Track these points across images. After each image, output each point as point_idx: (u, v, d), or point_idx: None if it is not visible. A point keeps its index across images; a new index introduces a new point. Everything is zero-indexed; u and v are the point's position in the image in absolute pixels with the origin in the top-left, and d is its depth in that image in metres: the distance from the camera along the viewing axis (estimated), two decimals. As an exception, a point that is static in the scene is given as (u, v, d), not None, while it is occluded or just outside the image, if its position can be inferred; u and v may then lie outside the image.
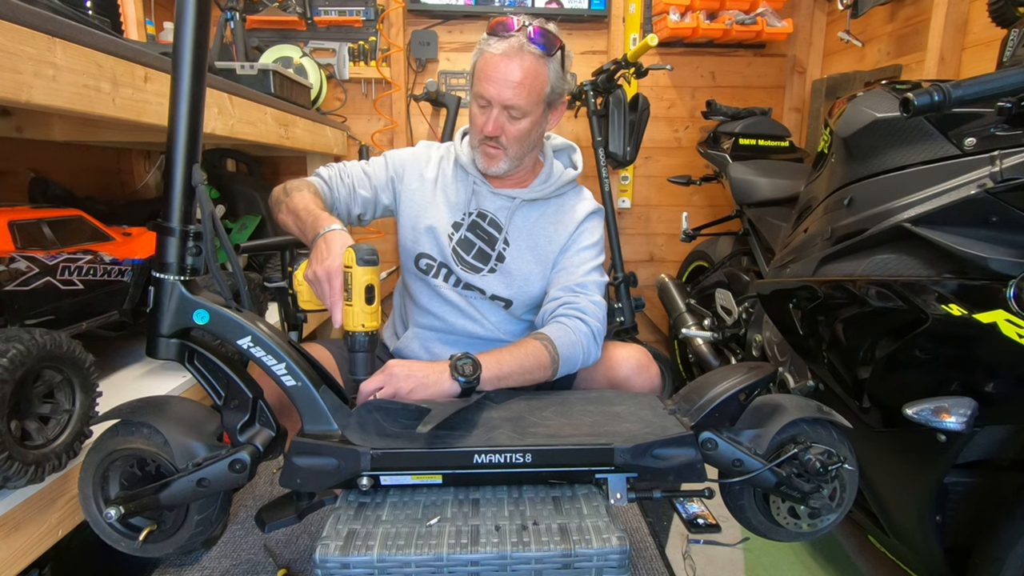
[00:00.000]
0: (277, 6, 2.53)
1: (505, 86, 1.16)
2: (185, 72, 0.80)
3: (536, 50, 1.17)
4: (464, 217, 1.30)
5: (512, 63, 1.16)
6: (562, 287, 1.25)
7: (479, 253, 1.30)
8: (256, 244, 1.70)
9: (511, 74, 1.16)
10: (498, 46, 1.16)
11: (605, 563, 0.76)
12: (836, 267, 1.17)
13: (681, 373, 2.37)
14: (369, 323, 0.97)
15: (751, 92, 2.78)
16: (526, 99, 1.18)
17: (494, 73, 1.16)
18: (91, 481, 0.87)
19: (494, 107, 1.19)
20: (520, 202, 1.30)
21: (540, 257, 1.30)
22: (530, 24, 1.18)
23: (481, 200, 1.31)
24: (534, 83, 1.18)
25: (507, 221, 1.30)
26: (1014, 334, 0.84)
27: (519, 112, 1.19)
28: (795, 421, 0.92)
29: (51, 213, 1.08)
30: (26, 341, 0.79)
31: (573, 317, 1.19)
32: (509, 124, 1.20)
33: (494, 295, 1.30)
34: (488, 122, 1.19)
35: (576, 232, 1.31)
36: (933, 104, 0.85)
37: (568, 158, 1.42)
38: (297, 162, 2.67)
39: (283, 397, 0.89)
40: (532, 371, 1.10)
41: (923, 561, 1.08)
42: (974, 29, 1.81)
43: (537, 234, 1.30)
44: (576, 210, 1.32)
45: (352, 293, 0.96)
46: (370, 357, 0.99)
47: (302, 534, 1.46)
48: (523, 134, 1.22)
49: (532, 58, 1.17)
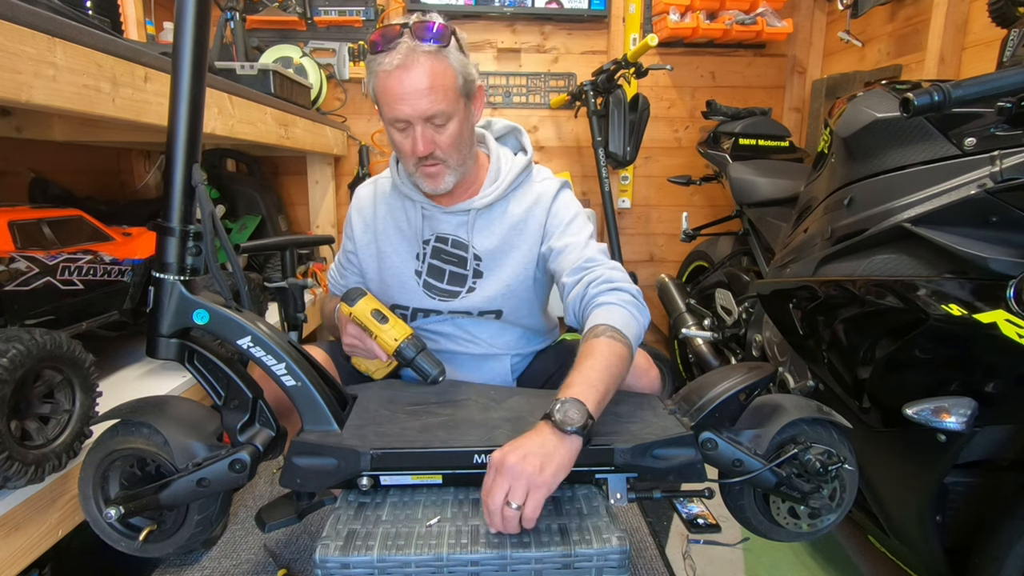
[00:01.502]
0: (277, 6, 2.53)
1: (416, 97, 1.05)
2: (185, 72, 0.80)
3: (430, 47, 1.05)
4: (423, 247, 1.24)
5: (411, 72, 1.04)
6: (572, 270, 1.14)
7: (452, 277, 1.23)
8: (256, 244, 1.70)
9: (416, 83, 1.04)
10: (389, 60, 1.04)
11: (605, 563, 0.76)
12: (836, 267, 1.17)
13: (681, 373, 2.37)
14: (399, 335, 1.09)
15: (751, 92, 2.78)
16: (444, 102, 1.06)
17: (399, 89, 1.04)
18: (91, 481, 0.87)
19: (415, 124, 1.08)
20: (476, 212, 1.21)
21: (519, 257, 1.22)
22: (409, 22, 1.06)
23: (435, 224, 1.23)
24: (444, 82, 1.06)
25: (470, 236, 1.22)
26: (1014, 334, 0.84)
27: (443, 118, 1.08)
28: (795, 421, 0.92)
29: (51, 213, 1.08)
30: (26, 341, 0.79)
31: (609, 291, 1.08)
32: (438, 135, 1.10)
33: (481, 311, 1.24)
34: (416, 142, 1.08)
35: (551, 215, 1.22)
36: (933, 104, 0.85)
37: (516, 141, 1.32)
38: (297, 162, 2.67)
39: (283, 397, 0.89)
40: (621, 369, 0.97)
41: (923, 561, 1.08)
42: (974, 29, 1.81)
43: (508, 235, 1.22)
44: (539, 194, 1.23)
45: (367, 327, 1.10)
46: (426, 354, 1.09)
47: (302, 534, 1.46)
48: (455, 138, 1.11)
49: (429, 57, 1.05)
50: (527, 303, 1.27)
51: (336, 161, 2.69)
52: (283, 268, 1.59)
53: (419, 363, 1.09)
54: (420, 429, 0.91)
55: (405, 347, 1.09)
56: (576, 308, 1.12)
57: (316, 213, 2.64)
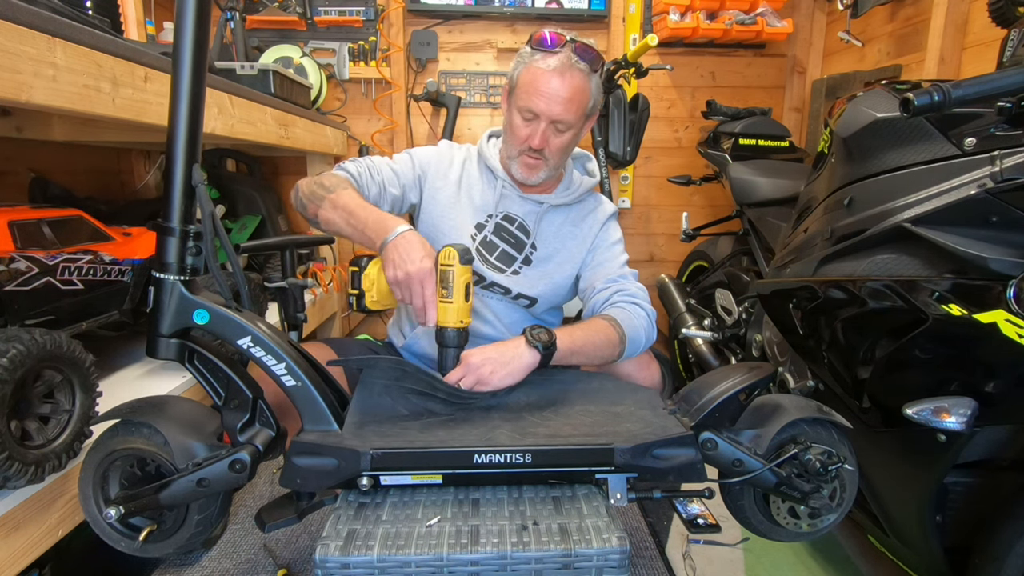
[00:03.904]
0: (277, 6, 2.53)
1: (555, 101, 1.18)
2: (185, 72, 0.80)
3: (584, 66, 1.19)
4: (488, 219, 1.33)
5: (563, 79, 1.17)
6: (605, 280, 1.29)
7: (502, 255, 1.33)
8: (256, 244, 1.70)
9: (562, 90, 1.18)
10: (548, 61, 1.18)
11: (605, 563, 0.76)
12: (836, 267, 1.17)
13: (681, 373, 2.37)
14: (466, 319, 1.05)
15: (751, 92, 2.78)
16: (574, 114, 1.21)
17: (545, 88, 1.18)
18: (91, 481, 0.87)
19: (542, 120, 1.21)
20: (548, 207, 1.34)
21: (568, 258, 1.35)
22: (574, 39, 1.19)
23: (508, 204, 1.34)
24: (582, 99, 1.21)
25: (535, 225, 1.33)
26: (1014, 334, 0.84)
27: (565, 126, 1.22)
28: (795, 421, 0.92)
29: (51, 213, 1.08)
30: (26, 341, 0.79)
31: (630, 303, 1.24)
32: (554, 137, 1.23)
33: (520, 294, 1.33)
34: (535, 135, 1.21)
35: (602, 231, 1.36)
36: (933, 104, 0.85)
37: (583, 167, 1.46)
38: (297, 162, 2.67)
39: (283, 397, 0.89)
40: (602, 347, 1.13)
41: (923, 561, 1.08)
42: (974, 29, 1.81)
43: (564, 237, 1.35)
44: (598, 212, 1.39)
45: (453, 291, 1.02)
46: (458, 352, 1.06)
47: (302, 534, 1.46)
48: (565, 146, 1.26)
49: (580, 75, 1.19)
50: (559, 299, 1.39)
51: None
52: (283, 268, 1.59)
53: (449, 354, 1.05)
54: (420, 429, 0.91)
55: (457, 332, 1.04)
56: (596, 308, 1.27)
57: (316, 213, 2.64)
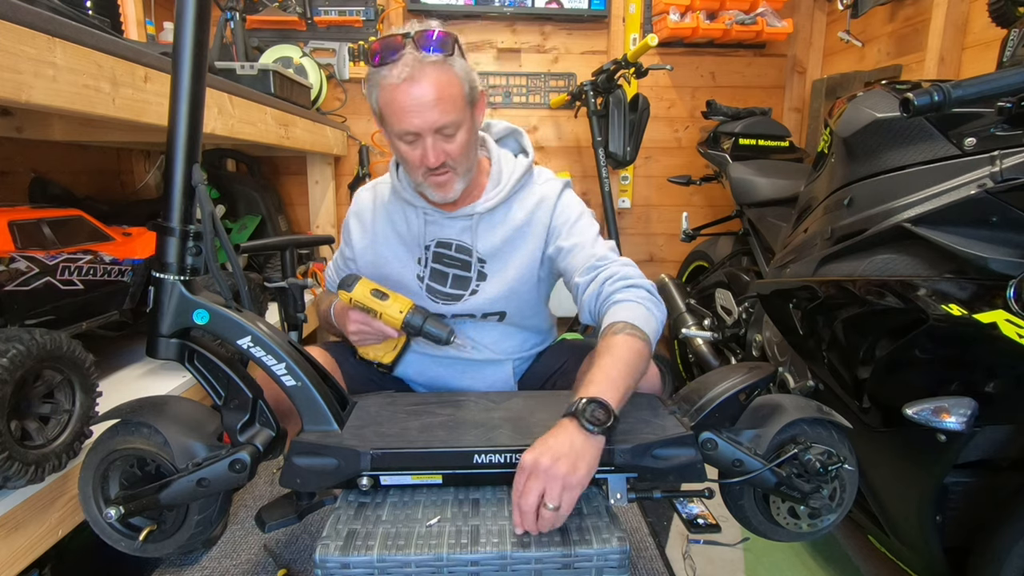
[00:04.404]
0: (277, 6, 2.53)
1: (426, 110, 1.03)
2: (185, 72, 0.80)
3: (436, 56, 1.03)
4: (424, 252, 1.22)
5: (420, 85, 1.02)
6: (584, 269, 1.14)
7: (456, 280, 1.22)
8: (256, 244, 1.70)
9: (425, 95, 1.02)
10: (396, 73, 1.02)
11: (605, 563, 0.76)
12: (836, 267, 1.17)
13: (681, 373, 2.37)
14: (402, 307, 1.12)
15: (751, 92, 2.78)
16: (453, 112, 1.05)
17: (408, 103, 1.03)
18: (91, 481, 0.87)
19: (426, 136, 1.06)
20: (479, 216, 1.20)
21: (523, 258, 1.21)
22: (410, 32, 1.04)
23: (437, 230, 1.22)
24: (452, 92, 1.05)
25: (473, 240, 1.20)
26: (1014, 334, 0.84)
27: (452, 128, 1.07)
28: (795, 421, 0.92)
29: (51, 213, 1.08)
30: (26, 341, 0.80)
31: (625, 288, 1.08)
32: (447, 144, 1.08)
33: (485, 313, 1.23)
34: (427, 154, 1.07)
35: (555, 215, 1.21)
36: (933, 104, 0.85)
37: (516, 143, 1.31)
38: (297, 162, 2.67)
39: (283, 397, 0.89)
40: (640, 367, 0.98)
41: (923, 561, 1.08)
42: (974, 29, 1.81)
43: (512, 238, 1.21)
44: (543, 196, 1.22)
45: (370, 306, 1.12)
46: (433, 319, 1.11)
47: (302, 534, 1.46)
48: (464, 146, 1.10)
49: (436, 68, 1.03)
50: (530, 304, 1.26)
51: (336, 161, 2.69)
52: (283, 268, 1.59)
53: (428, 329, 1.11)
54: (420, 429, 0.91)
55: (411, 317, 1.11)
56: (592, 306, 1.11)
57: (316, 213, 2.64)
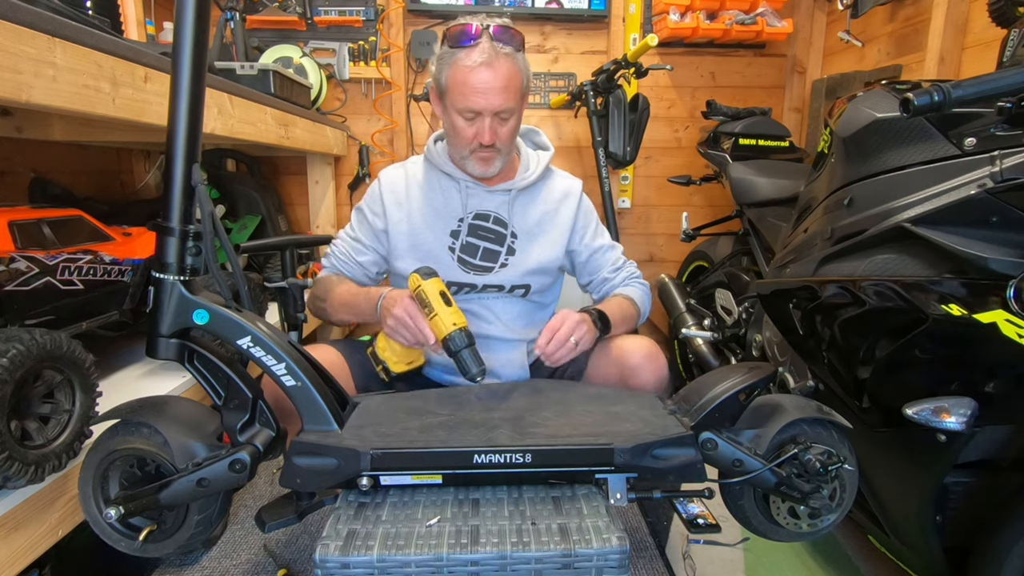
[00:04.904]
0: (277, 6, 2.53)
1: (493, 94, 1.18)
2: (185, 72, 0.80)
3: (509, 49, 1.20)
4: (460, 223, 1.32)
5: (493, 70, 1.18)
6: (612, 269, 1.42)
7: (486, 253, 1.33)
8: (256, 244, 1.70)
9: (495, 81, 1.18)
10: (472, 56, 1.17)
11: (605, 563, 0.76)
12: (836, 267, 1.17)
13: (681, 373, 2.37)
14: (458, 320, 1.07)
15: (751, 92, 2.78)
16: (513, 100, 1.22)
17: (479, 84, 1.18)
18: (91, 481, 0.87)
19: (485, 116, 1.21)
20: (516, 193, 1.34)
21: (551, 240, 1.36)
22: (489, 24, 1.19)
23: (477, 201, 1.34)
24: (517, 83, 1.22)
25: (510, 215, 1.34)
26: (1014, 334, 0.84)
27: (508, 113, 1.23)
28: (795, 421, 0.92)
29: (51, 213, 1.08)
30: (26, 341, 0.79)
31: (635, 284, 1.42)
32: (501, 127, 1.24)
33: (513, 285, 1.34)
34: (483, 132, 1.22)
35: (580, 212, 1.40)
36: (933, 104, 0.85)
37: (531, 141, 1.47)
38: (297, 162, 2.67)
39: (283, 397, 0.89)
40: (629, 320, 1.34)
41: (923, 561, 1.08)
42: (974, 29, 1.81)
43: (542, 219, 1.36)
44: (568, 189, 1.42)
45: (431, 304, 1.07)
46: (473, 350, 1.07)
47: (302, 534, 1.46)
48: (513, 132, 1.28)
49: (507, 59, 1.19)
50: (551, 283, 1.42)
51: (336, 161, 2.69)
52: (283, 268, 1.59)
53: (464, 356, 1.06)
54: (420, 429, 0.91)
55: (458, 335, 1.05)
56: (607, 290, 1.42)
57: (316, 213, 2.64)
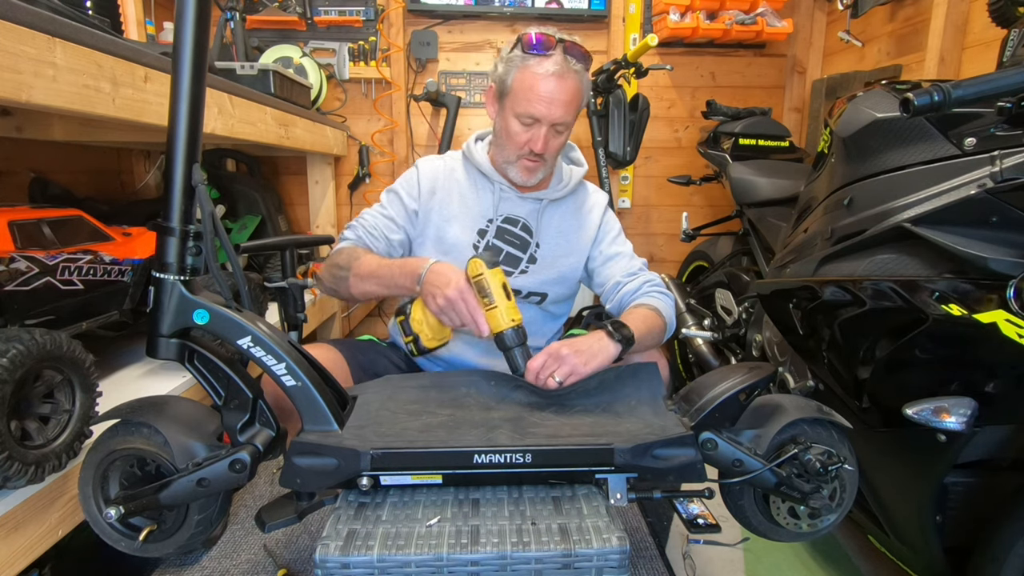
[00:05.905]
0: (277, 6, 2.53)
1: (557, 105, 1.19)
2: (185, 72, 0.80)
3: (579, 67, 1.20)
4: (488, 224, 1.32)
5: (563, 83, 1.18)
6: (627, 273, 1.34)
7: (507, 257, 1.32)
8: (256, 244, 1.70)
9: (562, 94, 1.18)
10: (544, 65, 1.18)
11: (605, 563, 0.76)
12: (836, 267, 1.17)
13: (681, 373, 2.37)
14: (516, 316, 1.04)
15: (751, 92, 2.78)
16: (571, 115, 1.23)
17: (546, 93, 1.18)
18: (91, 481, 0.86)
19: (543, 125, 1.21)
20: (547, 203, 1.35)
21: (572, 250, 1.36)
22: (562, 39, 1.20)
23: (509, 206, 1.34)
24: (579, 100, 1.23)
25: (537, 223, 1.34)
26: (1014, 334, 0.84)
27: (564, 127, 1.24)
28: (795, 421, 0.92)
29: (51, 213, 1.08)
30: (26, 341, 0.79)
31: (655, 294, 1.29)
32: (553, 139, 1.24)
33: (530, 292, 1.33)
34: (537, 140, 1.22)
35: (603, 222, 1.39)
36: (933, 104, 0.85)
37: (566, 156, 1.46)
38: (297, 162, 2.67)
39: (283, 397, 0.89)
40: (657, 335, 1.21)
41: (923, 561, 1.08)
42: (974, 29, 1.81)
43: (566, 230, 1.36)
44: (595, 202, 1.41)
45: (493, 295, 1.02)
46: (525, 348, 1.05)
47: (302, 534, 1.46)
48: (561, 146, 1.29)
49: (576, 76, 1.20)
50: (568, 295, 1.41)
51: (336, 161, 2.69)
52: (283, 268, 1.59)
53: (515, 354, 1.04)
54: (420, 429, 0.91)
55: (515, 332, 1.04)
56: (626, 300, 1.31)
57: (316, 213, 2.64)
